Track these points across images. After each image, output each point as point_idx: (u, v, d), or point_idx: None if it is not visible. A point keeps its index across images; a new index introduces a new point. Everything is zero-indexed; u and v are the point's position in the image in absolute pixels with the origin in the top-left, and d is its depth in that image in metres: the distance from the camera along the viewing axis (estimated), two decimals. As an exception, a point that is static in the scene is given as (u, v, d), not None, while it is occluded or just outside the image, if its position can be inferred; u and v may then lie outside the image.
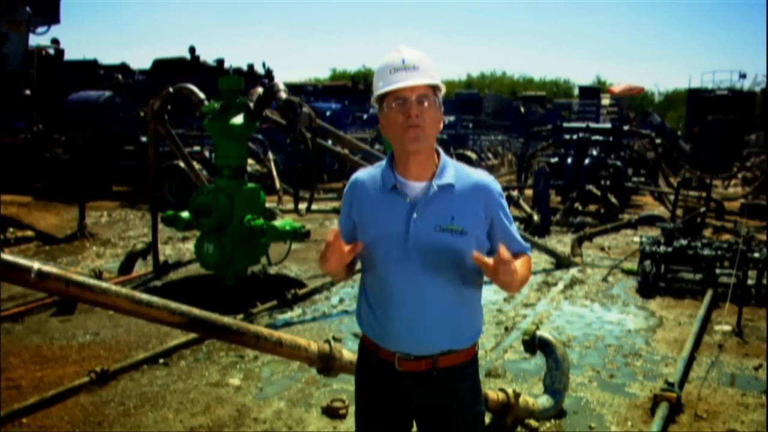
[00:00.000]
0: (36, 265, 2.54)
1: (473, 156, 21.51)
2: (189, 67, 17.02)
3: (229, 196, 6.28)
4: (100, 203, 12.34)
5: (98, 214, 11.34)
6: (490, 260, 1.69)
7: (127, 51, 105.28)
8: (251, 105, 6.22)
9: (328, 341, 3.21)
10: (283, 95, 5.98)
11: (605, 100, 32.86)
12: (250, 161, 13.14)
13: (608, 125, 16.00)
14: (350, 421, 3.78)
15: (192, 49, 17.12)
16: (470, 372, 1.92)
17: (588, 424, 3.84)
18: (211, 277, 6.77)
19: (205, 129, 6.51)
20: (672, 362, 4.90)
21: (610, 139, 13.85)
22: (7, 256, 2.52)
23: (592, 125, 15.55)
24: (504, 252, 1.66)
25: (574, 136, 13.68)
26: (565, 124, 15.89)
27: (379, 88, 1.83)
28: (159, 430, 3.59)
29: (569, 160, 13.01)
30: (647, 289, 6.98)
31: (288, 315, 5.98)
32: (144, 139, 13.64)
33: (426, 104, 1.80)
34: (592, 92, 33.76)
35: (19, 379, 4.18)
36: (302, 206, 6.73)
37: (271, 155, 13.50)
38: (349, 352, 3.26)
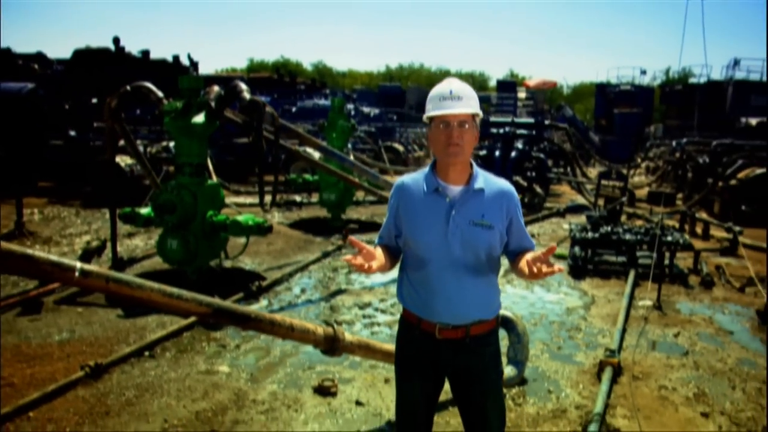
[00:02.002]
0: (79, 264, 2.78)
1: (401, 148, 22.07)
2: (113, 58, 16.53)
3: (193, 193, 6.45)
4: (27, 200, 11.85)
5: (29, 212, 10.94)
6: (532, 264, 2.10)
7: (42, 40, 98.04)
8: (213, 104, 6.40)
9: (331, 325, 3.59)
10: (247, 95, 6.20)
11: (521, 94, 34.47)
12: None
13: (531, 120, 17.01)
14: (342, 398, 4.18)
15: (116, 40, 16.63)
16: (493, 339, 2.38)
17: (547, 389, 4.42)
18: (172, 271, 6.90)
19: (148, 124, 6.62)
20: (608, 334, 5.61)
21: (533, 132, 14.79)
22: (53, 257, 2.74)
23: (517, 120, 16.49)
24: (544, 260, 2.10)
25: (501, 130, 14.49)
26: (492, 119, 16.75)
27: (429, 110, 2.27)
28: (166, 416, 3.83)
29: (497, 153, 13.81)
30: (578, 271, 7.76)
31: (255, 306, 6.22)
32: (73, 133, 13.27)
33: (466, 127, 2.23)
34: (509, 86, 35.31)
35: (10, 377, 4.26)
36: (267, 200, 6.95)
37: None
38: (350, 334, 3.65)
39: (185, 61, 20.62)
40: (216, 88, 6.88)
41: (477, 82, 72.26)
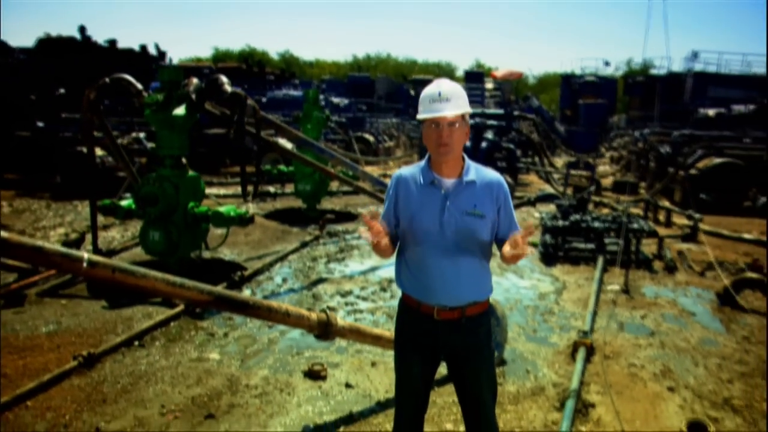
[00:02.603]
0: (86, 255, 2.90)
1: (371, 139, 22.21)
2: (79, 47, 16.22)
3: (174, 185, 6.51)
4: (-6, 193, 11.68)
5: (-3, 204, 10.78)
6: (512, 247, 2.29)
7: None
8: (193, 97, 6.45)
9: (324, 311, 3.75)
10: (229, 89, 6.27)
11: (489, 84, 34.83)
12: (151, 144, 13.05)
13: (501, 111, 17.30)
14: (331, 381, 4.35)
15: (82, 29, 16.30)
16: (486, 320, 2.58)
17: (525, 369, 4.67)
18: (153, 263, 6.93)
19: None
20: (580, 317, 5.90)
21: (503, 123, 15.09)
22: (61, 248, 2.84)
23: (487, 111, 16.78)
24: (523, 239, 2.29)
25: (471, 121, 14.75)
26: (462, 110, 17.02)
27: (421, 112, 2.45)
28: (163, 402, 3.95)
29: (468, 144, 14.05)
30: (549, 258, 8.07)
31: (239, 296, 6.33)
32: (41, 124, 13.06)
33: (456, 126, 2.41)
34: (476, 77, 35.61)
35: (2, 368, 4.30)
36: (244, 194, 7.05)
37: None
38: (342, 320, 3.83)
39: (152, 51, 20.35)
40: (195, 80, 6.92)
41: (444, 72, 72.52)
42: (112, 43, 17.41)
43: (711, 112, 19.81)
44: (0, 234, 2.70)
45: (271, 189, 13.61)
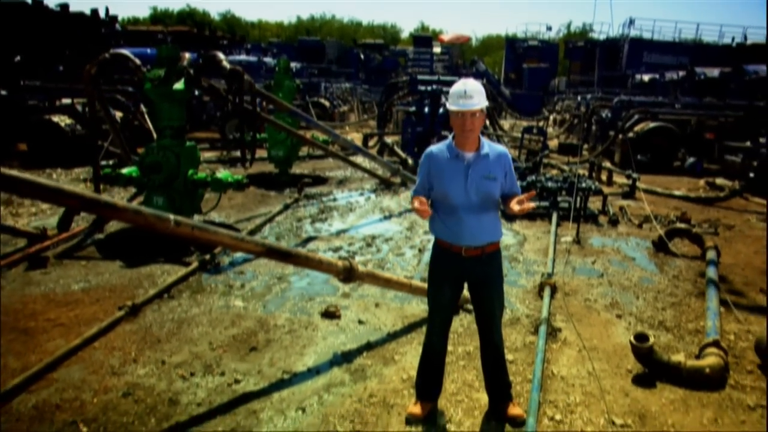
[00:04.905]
0: (172, 216, 3.57)
1: (327, 104, 22.69)
2: (31, 12, 15.92)
3: (176, 154, 7.07)
4: (-38, 162, 11.70)
5: (-30, 174, 10.88)
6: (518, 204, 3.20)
7: None
8: (191, 72, 6.97)
9: (347, 259, 4.55)
10: (227, 65, 6.83)
11: (436, 49, 35.57)
12: (119, 114, 13.28)
13: (456, 77, 18.07)
14: (345, 319, 5.17)
15: (33, -7, 15.96)
16: (498, 255, 3.45)
17: (502, 305, 5.62)
18: (154, 227, 7.50)
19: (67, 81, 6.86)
20: (541, 263, 6.91)
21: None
22: (153, 211, 3.52)
23: (443, 78, 17.56)
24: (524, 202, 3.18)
25: (428, 88, 15.50)
26: (419, 77, 17.75)
27: (451, 104, 3.24)
28: (210, 340, 4.68)
29: (426, 110, 14.84)
30: (508, 215, 9.04)
31: (239, 254, 7.02)
32: (3, 92, 13.04)
33: (477, 116, 3.22)
34: (424, 41, 36.28)
35: (57, 318, 4.92)
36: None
37: (143, 108, 13.63)
38: (362, 266, 4.63)
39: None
40: (187, 55, 7.42)
41: (389, 34, 72.48)
42: (64, 7, 17.08)
43: (646, 77, 21.27)
44: (107, 199, 3.35)
45: (238, 154, 14.06)
